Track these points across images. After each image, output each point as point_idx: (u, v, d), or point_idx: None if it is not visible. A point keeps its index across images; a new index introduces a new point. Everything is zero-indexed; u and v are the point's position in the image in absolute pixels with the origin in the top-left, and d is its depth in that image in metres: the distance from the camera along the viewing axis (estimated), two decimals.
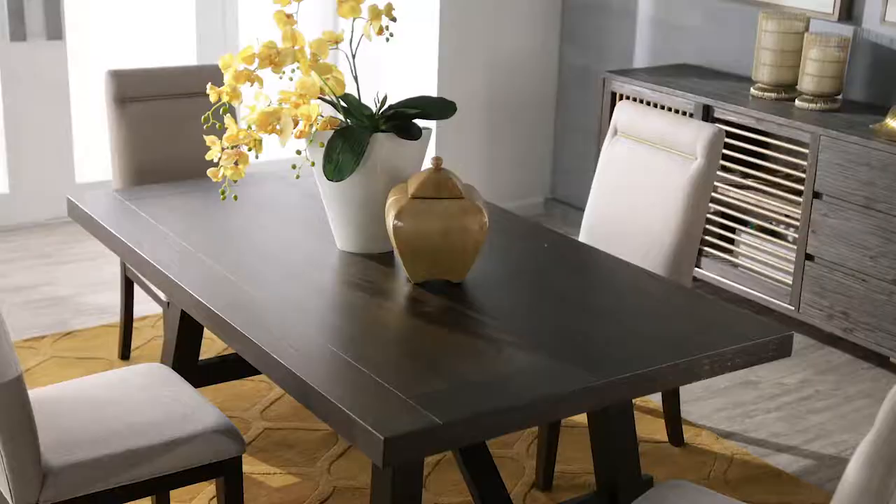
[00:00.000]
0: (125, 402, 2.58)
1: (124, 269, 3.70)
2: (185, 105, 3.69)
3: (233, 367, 3.38)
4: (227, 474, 2.53)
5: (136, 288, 4.36)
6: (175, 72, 3.72)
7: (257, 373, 3.42)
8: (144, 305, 4.31)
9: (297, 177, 2.59)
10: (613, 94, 4.72)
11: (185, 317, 3.09)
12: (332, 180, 2.64)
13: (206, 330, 3.88)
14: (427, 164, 4.77)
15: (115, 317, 4.23)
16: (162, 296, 3.34)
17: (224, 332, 2.41)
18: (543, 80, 5.67)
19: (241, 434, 2.55)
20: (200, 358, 3.29)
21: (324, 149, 2.64)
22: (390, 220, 2.55)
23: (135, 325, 4.10)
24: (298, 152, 2.62)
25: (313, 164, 2.65)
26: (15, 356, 2.23)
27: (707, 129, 3.19)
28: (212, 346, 3.94)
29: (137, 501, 2.99)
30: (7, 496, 2.32)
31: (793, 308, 4.10)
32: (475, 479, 2.64)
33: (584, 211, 3.50)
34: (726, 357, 2.34)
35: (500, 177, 5.68)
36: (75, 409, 2.53)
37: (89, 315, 4.27)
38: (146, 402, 2.58)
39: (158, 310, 4.30)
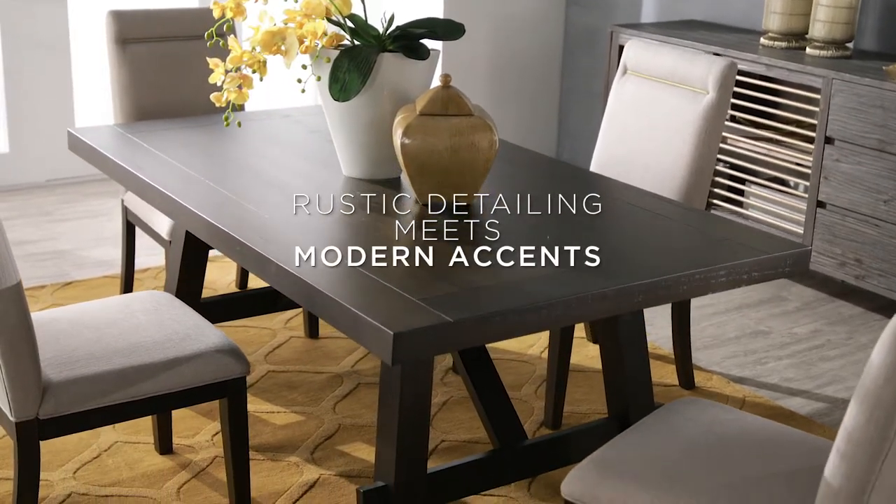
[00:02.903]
0: (127, 323, 2.52)
1: (125, 214, 3.64)
2: (186, 47, 3.63)
3: (236, 307, 3.32)
4: (230, 395, 2.48)
5: (138, 242, 4.31)
6: (176, 13, 3.67)
7: (260, 313, 3.36)
8: (146, 258, 4.26)
9: (303, 91, 2.53)
10: (621, 48, 4.66)
11: (187, 253, 3.03)
12: (337, 100, 2.59)
13: (206, 282, 3.83)
14: (436, 82, 4.68)
15: (116, 269, 4.18)
16: (164, 232, 3.28)
17: (228, 246, 2.35)
18: (549, 42, 5.61)
19: (244, 355, 2.49)
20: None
21: (330, 67, 2.58)
22: (397, 138, 2.49)
23: (136, 276, 4.05)
24: (304, 67, 2.56)
25: (319, 78, 2.59)
26: (14, 263, 2.18)
27: (719, 63, 3.13)
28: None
29: (139, 420, 2.97)
30: (6, 410, 2.27)
31: None
32: (479, 392, 2.58)
33: None
34: (743, 269, 2.28)
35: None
36: (76, 330, 2.47)
37: (90, 268, 4.22)
38: (148, 323, 2.53)
39: (160, 262, 4.25)
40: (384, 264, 2.13)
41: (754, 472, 1.98)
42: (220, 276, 4.13)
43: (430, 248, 2.28)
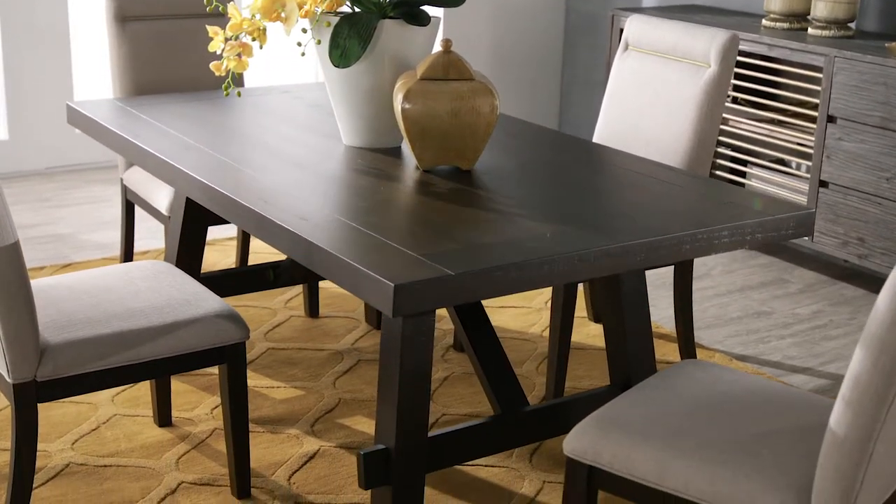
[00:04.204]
0: (126, 289, 2.50)
1: (125, 193, 3.62)
2: (185, 25, 3.62)
3: (235, 282, 3.29)
4: (229, 361, 2.46)
5: (137, 226, 4.30)
6: None
7: (259, 288, 3.33)
8: (145, 242, 4.25)
9: (303, 54, 2.51)
10: (622, 33, 4.64)
11: (186, 225, 3.01)
12: (337, 66, 2.57)
13: (205, 265, 3.81)
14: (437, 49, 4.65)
15: (115, 252, 4.17)
16: (164, 208, 3.26)
17: (227, 209, 2.34)
18: (550, 31, 5.60)
19: (244, 321, 2.47)
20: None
21: (330, 32, 2.57)
22: (398, 103, 2.47)
23: (135, 258, 4.03)
24: (304, 31, 2.55)
25: (319, 41, 2.57)
26: (12, 223, 2.16)
27: (721, 35, 3.12)
28: None
29: (137, 394, 2.95)
30: (4, 372, 2.25)
31: (806, 238, 4.03)
32: (481, 358, 2.56)
33: None
34: (746, 230, 2.26)
35: None
36: (75, 295, 2.46)
37: (89, 250, 4.20)
38: (148, 290, 2.51)
39: (160, 245, 4.24)
40: (385, 226, 2.10)
41: (759, 428, 1.96)
42: (220, 258, 4.11)
43: (432, 208, 2.26)
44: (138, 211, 4.60)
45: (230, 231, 4.42)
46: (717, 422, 1.98)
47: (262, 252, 4.16)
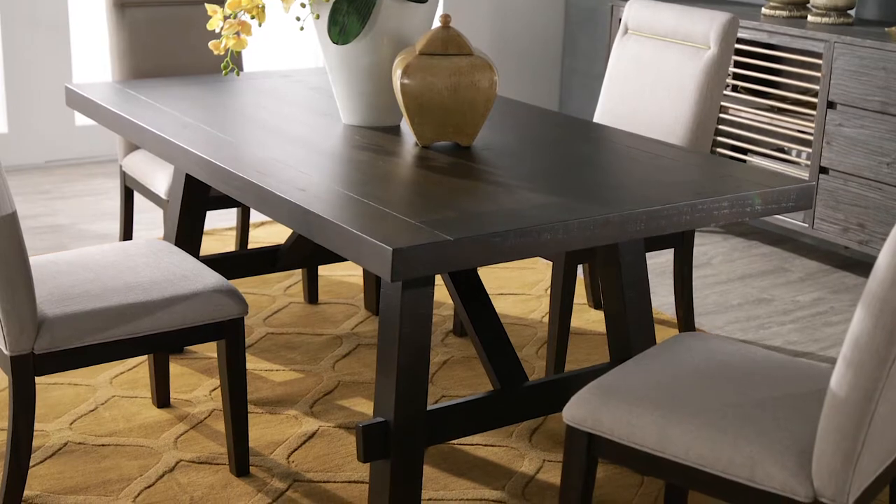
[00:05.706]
0: (124, 265, 2.50)
1: (123, 179, 3.61)
2: (184, 12, 3.61)
3: (235, 265, 3.28)
4: (228, 336, 2.45)
5: (136, 217, 4.29)
6: None
7: (258, 272, 3.32)
8: (144, 233, 4.24)
9: (301, 28, 2.50)
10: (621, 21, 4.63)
11: (186, 204, 3.00)
12: (336, 43, 2.56)
13: (204, 254, 3.79)
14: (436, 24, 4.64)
15: (114, 241, 4.15)
16: (163, 192, 3.25)
17: (227, 182, 2.33)
18: (550, 22, 5.59)
19: (243, 297, 2.46)
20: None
21: (329, 8, 2.56)
22: (397, 79, 2.47)
23: None
24: (303, 5, 2.54)
25: (317, 16, 2.57)
26: (10, 194, 2.15)
27: (720, 17, 3.12)
28: None
29: (136, 376, 2.93)
30: (1, 345, 2.24)
31: (807, 225, 4.02)
32: (480, 334, 2.54)
33: None
34: (746, 201, 2.25)
35: None
36: (74, 270, 2.45)
37: (88, 240, 4.19)
38: (146, 266, 2.50)
39: (158, 234, 4.23)
40: (383, 196, 2.10)
41: (759, 394, 1.95)
42: (218, 248, 4.10)
43: (431, 180, 2.26)
44: (136, 202, 4.59)
45: (229, 221, 4.42)
46: (717, 389, 1.97)
47: (262, 242, 4.16)
